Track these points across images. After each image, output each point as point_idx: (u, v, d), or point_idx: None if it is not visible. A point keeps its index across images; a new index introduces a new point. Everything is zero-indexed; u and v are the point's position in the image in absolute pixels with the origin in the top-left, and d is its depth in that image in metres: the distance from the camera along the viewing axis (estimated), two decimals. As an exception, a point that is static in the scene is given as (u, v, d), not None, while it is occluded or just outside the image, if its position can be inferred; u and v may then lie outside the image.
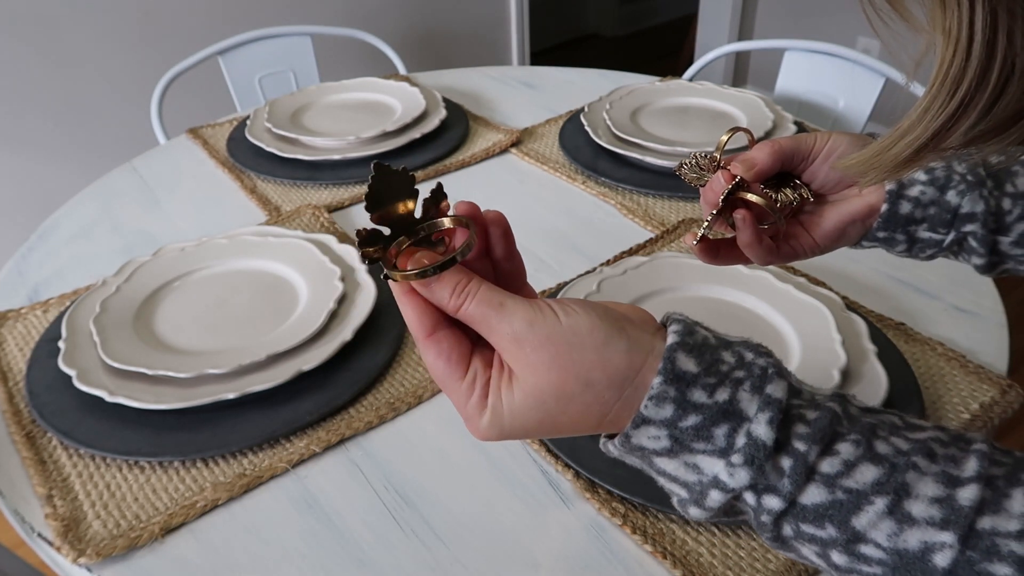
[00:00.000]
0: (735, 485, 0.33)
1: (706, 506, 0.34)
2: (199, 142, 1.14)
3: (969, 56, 0.28)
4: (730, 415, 0.33)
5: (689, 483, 0.35)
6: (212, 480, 0.60)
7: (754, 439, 0.33)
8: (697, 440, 0.34)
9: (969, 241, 0.51)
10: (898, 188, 0.51)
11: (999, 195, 0.49)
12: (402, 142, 1.07)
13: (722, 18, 2.82)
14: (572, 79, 1.35)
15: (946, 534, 0.31)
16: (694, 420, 0.34)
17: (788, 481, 0.32)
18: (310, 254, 0.80)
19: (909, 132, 0.31)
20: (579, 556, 0.54)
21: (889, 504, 0.31)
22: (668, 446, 0.34)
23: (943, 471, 0.32)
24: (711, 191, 0.53)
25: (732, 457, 0.33)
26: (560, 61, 3.41)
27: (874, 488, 0.32)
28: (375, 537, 0.56)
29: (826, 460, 0.33)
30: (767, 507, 0.33)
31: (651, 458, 0.35)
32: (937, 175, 0.50)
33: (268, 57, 1.55)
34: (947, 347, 0.69)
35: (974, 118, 0.29)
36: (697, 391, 0.34)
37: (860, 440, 0.33)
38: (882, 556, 0.31)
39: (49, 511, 0.57)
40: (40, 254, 0.90)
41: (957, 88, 0.29)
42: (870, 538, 0.32)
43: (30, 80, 1.74)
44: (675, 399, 0.34)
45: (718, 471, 0.33)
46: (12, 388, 0.69)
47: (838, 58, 1.35)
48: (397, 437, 0.64)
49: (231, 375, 0.66)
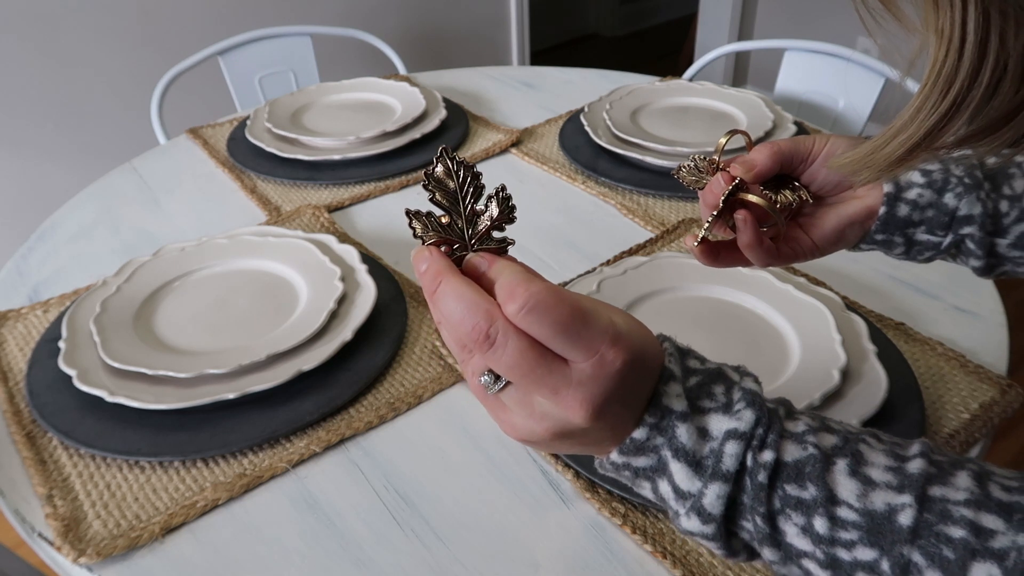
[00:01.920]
0: (745, 428, 0.35)
1: (724, 471, 0.34)
2: (199, 142, 1.14)
3: (962, 56, 0.28)
4: (722, 377, 0.38)
5: (703, 457, 0.35)
6: (212, 480, 0.60)
7: (747, 389, 0.37)
8: (703, 398, 0.37)
9: (967, 243, 0.51)
10: (896, 191, 0.51)
11: (996, 197, 0.49)
12: (402, 142, 1.07)
13: (722, 18, 2.82)
14: (572, 79, 1.35)
15: (905, 496, 0.33)
16: (696, 379, 0.37)
17: (772, 433, 0.35)
18: (310, 254, 0.80)
19: (902, 131, 0.32)
20: (579, 556, 0.54)
21: (850, 465, 0.34)
22: (685, 408, 0.36)
23: (890, 449, 0.35)
24: (710, 193, 0.53)
25: (735, 407, 0.36)
26: (560, 61, 3.41)
27: (834, 450, 0.35)
28: (375, 537, 0.56)
29: (791, 422, 0.36)
30: (762, 462, 0.35)
31: (675, 428, 0.35)
32: (935, 177, 0.50)
33: (268, 57, 1.55)
34: (947, 347, 0.69)
35: (967, 118, 0.30)
36: (691, 359, 0.39)
37: (814, 416, 0.37)
38: (856, 518, 0.33)
39: (49, 511, 0.57)
40: (40, 254, 0.90)
41: (950, 88, 0.29)
42: (842, 498, 0.34)
43: (30, 80, 1.74)
44: (680, 363, 0.38)
45: (727, 425, 0.35)
46: (12, 388, 0.69)
47: (838, 58, 1.35)
48: (397, 437, 0.64)
49: (231, 375, 0.66)
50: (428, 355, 0.72)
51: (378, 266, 0.82)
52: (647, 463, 0.37)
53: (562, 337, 0.34)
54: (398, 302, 0.77)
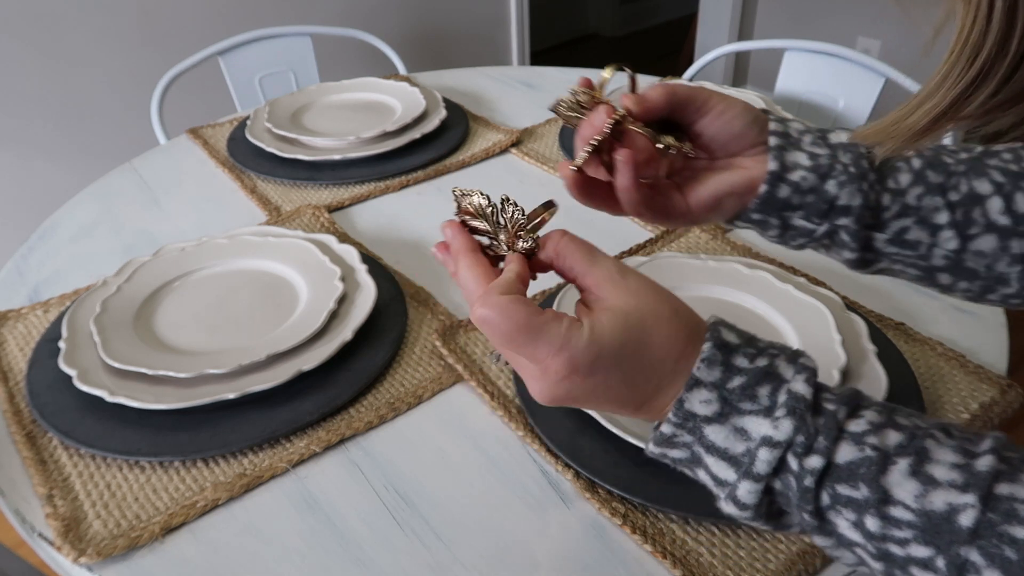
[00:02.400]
0: (781, 437, 0.35)
1: (755, 473, 0.35)
2: (199, 142, 1.14)
3: (989, 23, 0.28)
4: (771, 376, 0.36)
5: (738, 455, 0.36)
6: (212, 480, 0.60)
7: (794, 393, 0.35)
8: (743, 400, 0.36)
9: (841, 235, 0.49)
10: (780, 170, 0.48)
11: (880, 190, 0.47)
12: (402, 142, 1.07)
13: (722, 18, 2.82)
14: (572, 79, 1.34)
15: (968, 496, 0.32)
16: (740, 381, 0.36)
17: (823, 437, 0.35)
18: (310, 254, 0.80)
19: (927, 100, 0.31)
20: (579, 556, 0.54)
21: (912, 465, 0.33)
22: (718, 409, 0.36)
23: (959, 445, 0.34)
24: (590, 126, 0.49)
25: (776, 412, 0.35)
26: (560, 61, 3.41)
27: (897, 449, 0.34)
28: (375, 537, 0.56)
29: (853, 421, 0.35)
30: (809, 467, 0.35)
31: (702, 428, 0.37)
32: (821, 162, 0.48)
33: (268, 57, 1.55)
34: (947, 347, 0.69)
35: (993, 87, 0.29)
36: (740, 357, 0.37)
37: (882, 411, 0.36)
38: (911, 518, 0.33)
39: (49, 511, 0.57)
40: (40, 254, 0.90)
41: (976, 56, 0.29)
42: (898, 499, 0.33)
43: (30, 80, 1.74)
44: (723, 362, 0.37)
45: (765, 430, 0.35)
46: (12, 388, 0.69)
47: (838, 58, 1.35)
48: (397, 437, 0.64)
49: (231, 375, 0.66)
50: (428, 355, 0.72)
51: (378, 266, 0.82)
52: (681, 455, 0.39)
53: (509, 348, 0.39)
54: (398, 302, 0.77)
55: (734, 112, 0.49)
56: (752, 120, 0.49)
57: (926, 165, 0.47)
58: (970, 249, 0.46)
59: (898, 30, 2.43)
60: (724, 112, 0.49)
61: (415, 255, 0.87)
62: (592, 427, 0.61)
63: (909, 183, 0.47)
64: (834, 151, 0.48)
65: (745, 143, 0.50)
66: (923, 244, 0.47)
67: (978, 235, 0.46)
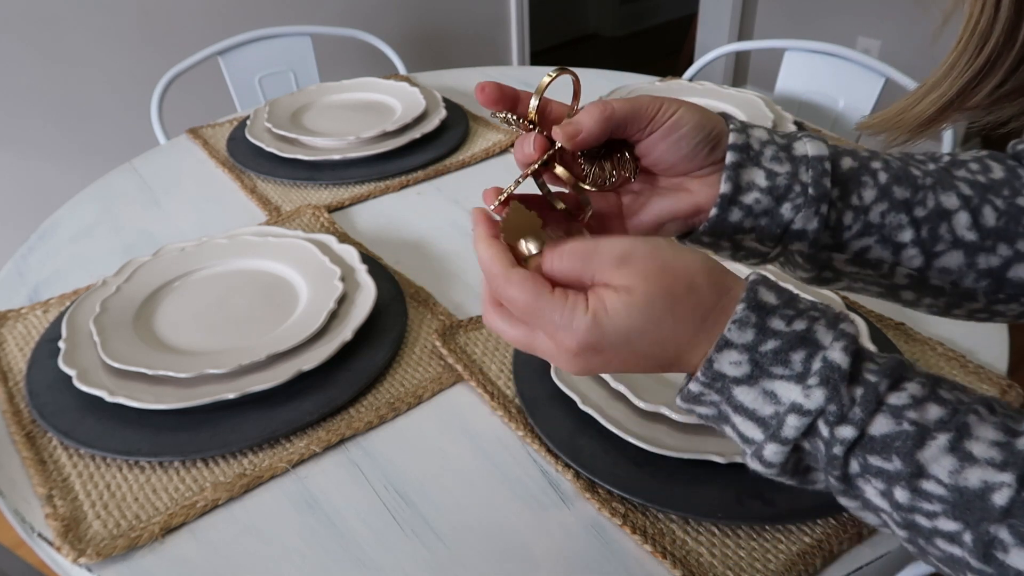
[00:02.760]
0: (812, 406, 0.34)
1: (783, 437, 0.35)
2: (199, 142, 1.14)
3: (998, 11, 0.27)
4: (807, 342, 0.35)
5: (766, 417, 0.36)
6: (212, 480, 0.60)
7: (829, 362, 0.34)
8: (775, 364, 0.35)
9: (795, 257, 0.47)
10: (732, 192, 0.44)
11: (842, 207, 0.44)
12: (402, 142, 1.07)
13: (722, 18, 2.82)
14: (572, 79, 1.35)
15: (1005, 475, 0.31)
16: (773, 344, 0.35)
17: (859, 409, 0.34)
18: (310, 254, 0.80)
19: (934, 89, 0.31)
20: (579, 556, 0.54)
21: (951, 441, 0.33)
22: (748, 371, 0.36)
23: (1002, 422, 0.33)
24: (521, 152, 0.46)
25: (809, 380, 0.34)
26: (560, 61, 3.41)
27: (937, 424, 0.33)
28: (375, 537, 0.56)
29: (894, 394, 0.34)
30: (840, 437, 0.34)
31: (731, 389, 0.36)
32: (778, 183, 0.44)
33: (268, 57, 1.55)
34: (947, 347, 0.69)
35: (1001, 75, 0.29)
36: (776, 319, 0.36)
37: (926, 383, 0.35)
38: (943, 493, 0.32)
39: (49, 511, 0.57)
40: (40, 254, 0.90)
41: (984, 44, 0.28)
42: (932, 473, 0.33)
43: (30, 80, 1.74)
44: (756, 324, 0.35)
45: (795, 396, 0.35)
46: (12, 388, 0.69)
47: (838, 58, 1.35)
48: (397, 437, 0.64)
49: (231, 375, 0.66)
50: (428, 355, 0.72)
51: (378, 266, 0.82)
52: (708, 412, 0.39)
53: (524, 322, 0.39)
54: (398, 302, 0.77)
55: (683, 131, 0.44)
56: (703, 139, 0.44)
57: (892, 180, 0.44)
58: (935, 266, 0.44)
59: (898, 30, 2.43)
60: (672, 130, 0.44)
61: (415, 255, 0.87)
62: (592, 427, 0.61)
63: (873, 199, 0.44)
64: (795, 167, 0.44)
65: (693, 165, 0.45)
66: (885, 263, 0.45)
67: (944, 252, 0.44)
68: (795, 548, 0.53)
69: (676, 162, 0.45)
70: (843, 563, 0.53)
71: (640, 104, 0.44)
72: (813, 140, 0.44)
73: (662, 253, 0.37)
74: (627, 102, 0.44)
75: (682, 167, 0.45)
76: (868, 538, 0.55)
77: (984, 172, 0.45)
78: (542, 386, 0.65)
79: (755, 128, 0.46)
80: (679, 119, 0.44)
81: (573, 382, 0.64)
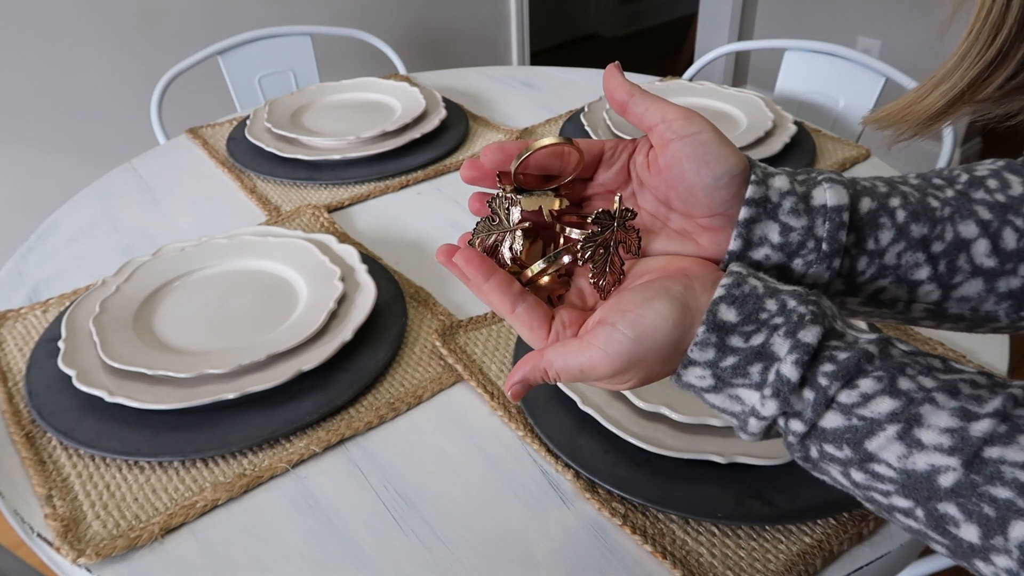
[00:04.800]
0: (767, 414, 0.37)
1: (749, 431, 0.39)
2: (199, 142, 1.14)
3: (1010, 1, 0.27)
4: (763, 356, 0.37)
5: (736, 412, 0.39)
6: (212, 480, 0.60)
7: (781, 376, 0.36)
8: (735, 376, 0.38)
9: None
10: (742, 250, 0.41)
11: (856, 254, 0.42)
12: (402, 142, 1.07)
13: (722, 18, 2.82)
14: (572, 79, 1.35)
15: (952, 459, 0.33)
16: (732, 361, 0.38)
17: (809, 410, 0.36)
18: (310, 254, 0.80)
19: (944, 81, 0.31)
20: (579, 556, 0.54)
21: (900, 431, 0.34)
22: (712, 384, 0.38)
23: (961, 407, 0.34)
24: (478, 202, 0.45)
25: (764, 391, 0.37)
26: (560, 61, 3.42)
27: (888, 417, 0.35)
28: (375, 537, 0.56)
29: (845, 392, 0.36)
30: (793, 430, 0.37)
31: (701, 394, 0.40)
32: (792, 239, 0.41)
33: (268, 57, 1.55)
34: (947, 347, 0.69)
35: (1013, 67, 0.28)
36: (735, 337, 0.38)
37: (883, 376, 0.36)
38: (892, 475, 0.34)
39: (49, 511, 0.57)
40: (40, 254, 0.90)
41: (996, 34, 0.28)
42: (881, 458, 0.35)
43: (30, 80, 1.74)
44: (716, 344, 0.38)
45: (754, 402, 0.37)
46: (12, 388, 0.68)
47: (838, 58, 1.35)
48: (397, 437, 0.64)
49: (231, 375, 0.66)
50: (428, 355, 0.71)
51: (378, 266, 0.82)
52: (696, 394, 0.41)
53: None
54: (398, 302, 0.77)
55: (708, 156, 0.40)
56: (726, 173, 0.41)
57: (910, 217, 0.42)
58: (953, 297, 0.43)
59: (898, 30, 2.43)
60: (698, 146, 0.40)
61: (415, 255, 0.87)
62: (592, 427, 0.61)
63: (890, 241, 0.42)
64: (812, 220, 0.41)
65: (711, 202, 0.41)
66: (900, 302, 0.44)
67: (962, 282, 0.43)
68: (795, 548, 0.53)
69: (693, 191, 0.41)
70: (843, 563, 0.53)
71: (667, 104, 0.42)
72: (834, 186, 0.42)
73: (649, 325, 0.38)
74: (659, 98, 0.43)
75: (697, 200, 0.41)
76: (868, 538, 0.55)
77: (1003, 189, 0.43)
78: (542, 386, 0.65)
79: (776, 177, 0.42)
80: (703, 140, 0.41)
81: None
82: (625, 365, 0.39)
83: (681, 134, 0.41)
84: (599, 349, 0.39)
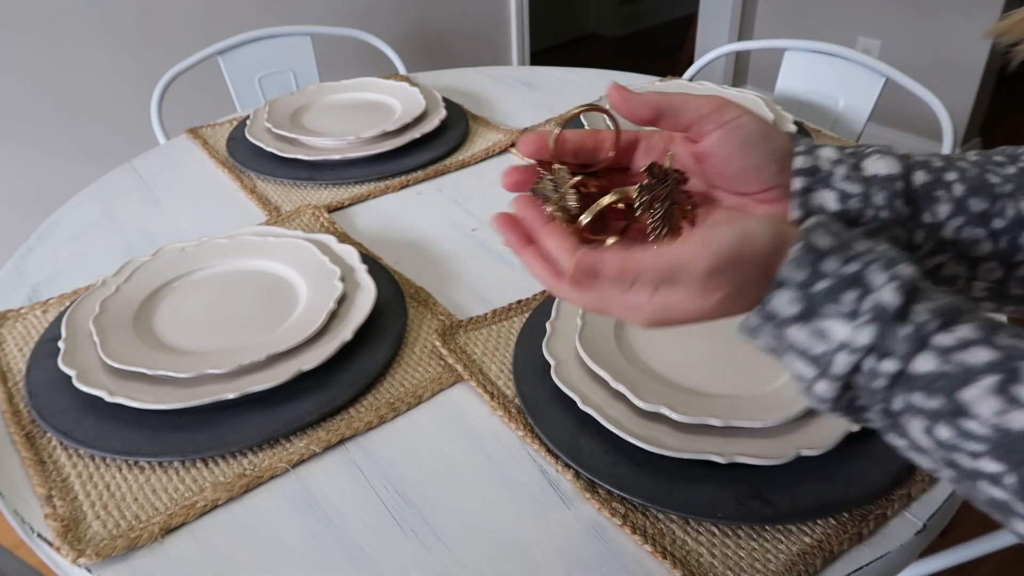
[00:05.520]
0: (860, 343, 0.35)
1: (831, 374, 0.36)
2: (199, 142, 1.14)
3: None
4: (859, 283, 0.35)
5: (817, 355, 0.36)
6: (212, 480, 0.60)
7: (879, 302, 0.35)
8: (827, 303, 0.36)
9: None
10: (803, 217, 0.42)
11: (913, 227, 0.42)
12: (402, 142, 1.07)
13: (722, 18, 2.82)
14: (572, 79, 1.35)
15: None
16: (825, 284, 0.36)
17: (904, 346, 0.34)
18: (310, 254, 0.80)
19: None
20: (579, 556, 0.54)
21: (999, 383, 0.32)
22: (800, 310, 0.36)
23: None
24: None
25: (859, 319, 0.35)
26: (560, 61, 3.41)
27: (985, 367, 0.33)
28: (375, 537, 0.56)
29: (943, 334, 0.34)
30: (883, 371, 0.35)
31: (783, 329, 0.37)
32: (851, 205, 0.42)
33: (268, 57, 1.55)
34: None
35: None
36: (830, 261, 0.36)
37: (983, 327, 0.34)
38: (986, 432, 0.32)
39: (49, 511, 0.57)
40: (40, 254, 0.90)
41: None
42: (975, 413, 0.33)
43: (30, 80, 1.74)
44: (812, 263, 0.36)
45: (845, 334, 0.35)
46: (12, 388, 0.68)
47: (838, 58, 1.35)
48: (397, 437, 0.64)
49: (231, 375, 0.66)
50: (428, 355, 0.71)
51: (378, 266, 0.82)
52: (766, 344, 0.39)
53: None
54: (398, 302, 0.77)
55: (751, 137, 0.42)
56: (771, 152, 0.42)
57: (969, 191, 0.42)
58: (1016, 276, 0.43)
59: (898, 30, 2.43)
60: (738, 131, 0.42)
61: (415, 255, 0.87)
62: (592, 427, 0.61)
63: (948, 214, 0.42)
64: (868, 188, 0.42)
65: (760, 180, 0.43)
66: (960, 279, 0.43)
67: None
68: (795, 548, 0.53)
69: (743, 172, 0.42)
70: (843, 563, 0.53)
71: (697, 98, 0.43)
72: (884, 156, 0.42)
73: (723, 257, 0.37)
74: (682, 95, 0.43)
75: (748, 180, 0.43)
76: (868, 538, 0.55)
77: None
78: (542, 386, 0.65)
79: (823, 148, 0.43)
80: (744, 123, 0.42)
81: (573, 382, 0.64)
82: (725, 262, 0.36)
83: (720, 123, 0.42)
84: (697, 241, 0.37)
